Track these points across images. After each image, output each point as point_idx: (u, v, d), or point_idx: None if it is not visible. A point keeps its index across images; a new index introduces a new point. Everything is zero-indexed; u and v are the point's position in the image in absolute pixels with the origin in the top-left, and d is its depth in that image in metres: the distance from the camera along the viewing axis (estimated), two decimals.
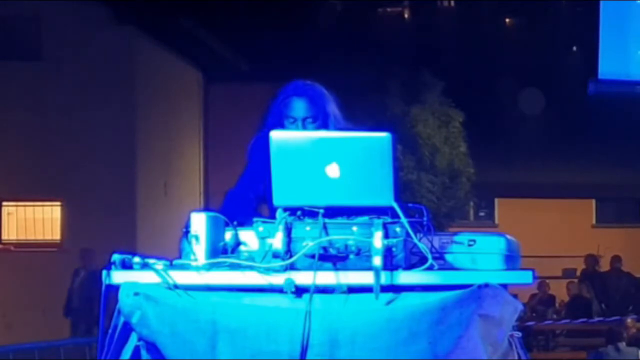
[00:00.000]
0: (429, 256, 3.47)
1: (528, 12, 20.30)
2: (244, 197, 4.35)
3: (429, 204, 16.09)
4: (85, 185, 17.82)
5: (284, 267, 3.47)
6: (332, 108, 4.41)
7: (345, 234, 3.50)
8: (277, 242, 3.48)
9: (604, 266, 19.73)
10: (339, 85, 4.48)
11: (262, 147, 3.85)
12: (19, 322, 17.31)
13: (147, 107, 18.85)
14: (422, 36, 19.55)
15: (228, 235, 3.68)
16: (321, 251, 3.46)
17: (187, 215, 3.61)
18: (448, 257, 3.60)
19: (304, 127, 4.34)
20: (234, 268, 3.54)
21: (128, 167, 18.26)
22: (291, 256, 3.47)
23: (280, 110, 4.39)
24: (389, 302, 3.44)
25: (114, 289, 3.53)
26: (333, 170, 3.47)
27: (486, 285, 3.43)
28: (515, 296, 3.60)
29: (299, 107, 4.36)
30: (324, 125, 4.35)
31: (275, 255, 3.48)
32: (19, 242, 18.71)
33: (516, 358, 3.63)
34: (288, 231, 3.49)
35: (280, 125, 4.34)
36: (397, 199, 3.51)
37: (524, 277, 3.59)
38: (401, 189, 3.99)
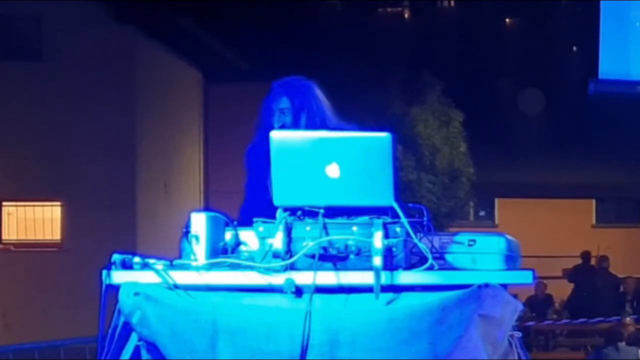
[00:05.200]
0: (429, 256, 3.47)
1: (528, 12, 20.32)
2: (257, 208, 4.30)
3: (429, 204, 16.09)
4: (85, 185, 17.82)
5: (284, 267, 3.47)
6: (315, 103, 4.46)
7: (345, 234, 3.49)
8: (277, 242, 3.48)
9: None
10: (339, 85, 4.50)
11: (261, 154, 3.87)
12: (19, 322, 17.32)
13: (147, 107, 18.85)
14: (422, 36, 19.57)
15: (228, 235, 3.68)
16: (321, 251, 3.46)
17: (187, 215, 3.61)
18: (448, 257, 3.60)
19: (279, 118, 4.43)
20: (234, 268, 3.54)
21: (128, 167, 18.26)
22: (291, 256, 3.47)
23: (266, 102, 4.51)
24: (389, 302, 3.43)
25: (114, 289, 3.53)
26: (333, 170, 3.47)
27: (486, 285, 3.43)
28: (515, 296, 3.60)
29: (275, 99, 4.47)
30: (297, 119, 4.41)
31: (275, 255, 3.48)
32: (19, 242, 18.72)
33: (516, 358, 3.64)
34: (288, 231, 3.49)
35: (269, 117, 4.45)
36: (397, 199, 3.51)
37: (524, 277, 3.59)
38: (401, 189, 3.99)
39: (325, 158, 3.47)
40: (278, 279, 3.46)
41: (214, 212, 3.67)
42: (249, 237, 3.65)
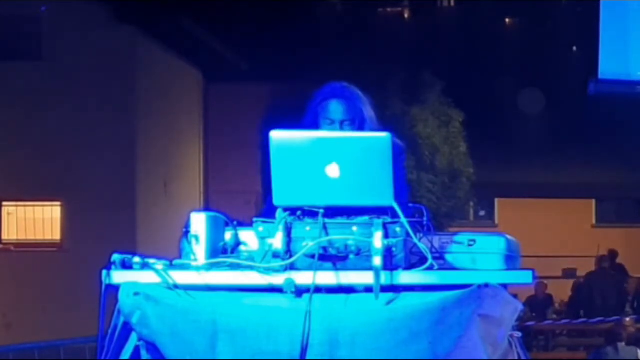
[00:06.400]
0: (429, 256, 3.47)
1: (528, 12, 20.31)
2: None
3: (429, 204, 16.07)
4: (85, 185, 17.82)
5: (284, 267, 3.47)
6: (368, 111, 4.39)
7: (345, 234, 3.49)
8: (277, 242, 3.48)
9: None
10: None
11: None
12: (19, 322, 17.31)
13: (147, 107, 18.85)
14: (422, 36, 19.56)
15: (228, 235, 3.68)
16: (321, 251, 3.46)
17: (187, 215, 3.61)
18: (448, 257, 3.60)
19: (342, 129, 4.29)
20: (234, 268, 3.54)
21: (128, 167, 18.26)
22: (291, 256, 3.47)
23: (317, 112, 4.36)
24: (389, 302, 3.43)
25: (114, 289, 3.53)
26: (333, 170, 3.47)
27: (486, 285, 3.43)
28: (515, 296, 3.60)
29: (337, 109, 4.32)
30: (361, 128, 4.31)
31: (275, 255, 3.48)
32: (19, 242, 18.72)
33: (516, 358, 3.64)
34: (288, 231, 3.49)
35: (316, 127, 4.32)
36: (397, 199, 3.51)
37: (524, 277, 3.59)
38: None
39: (325, 158, 3.47)
40: (278, 279, 3.46)
41: (214, 212, 3.67)
42: (249, 237, 3.66)
